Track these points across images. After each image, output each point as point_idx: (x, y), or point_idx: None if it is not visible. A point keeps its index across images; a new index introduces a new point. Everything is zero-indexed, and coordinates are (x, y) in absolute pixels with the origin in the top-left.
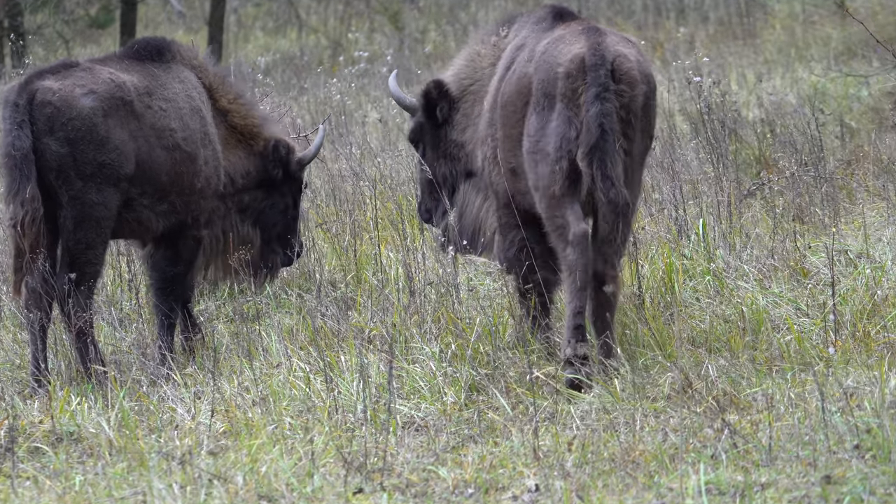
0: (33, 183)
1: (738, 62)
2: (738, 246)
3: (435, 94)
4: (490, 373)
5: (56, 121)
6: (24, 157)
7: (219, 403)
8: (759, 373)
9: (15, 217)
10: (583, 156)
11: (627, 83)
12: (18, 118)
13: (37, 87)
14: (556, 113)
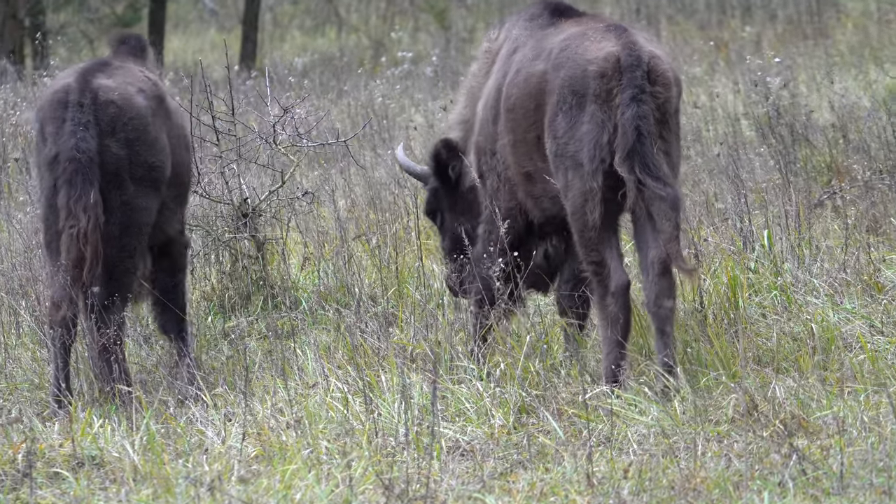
0: (97, 188)
1: (808, 63)
2: (808, 259)
3: (445, 155)
4: (541, 394)
5: (118, 121)
6: (90, 160)
7: (251, 426)
8: (830, 394)
9: (77, 224)
10: (621, 161)
11: (663, 84)
12: (84, 119)
13: (97, 85)
14: (588, 115)
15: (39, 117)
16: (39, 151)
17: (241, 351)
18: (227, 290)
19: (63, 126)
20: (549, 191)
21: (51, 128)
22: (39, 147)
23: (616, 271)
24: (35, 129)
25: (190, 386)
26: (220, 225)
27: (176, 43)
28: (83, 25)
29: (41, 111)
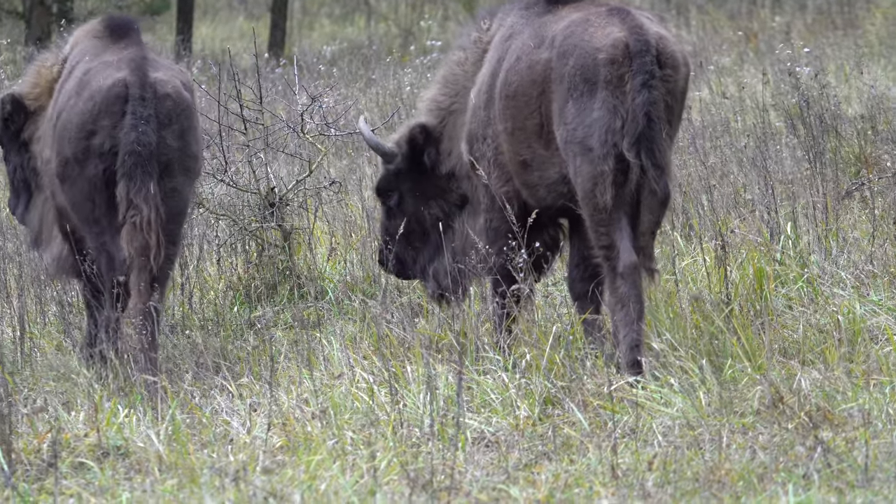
0: (155, 180)
1: (837, 54)
2: (835, 250)
3: (420, 141)
4: (566, 385)
5: (174, 114)
6: (150, 153)
7: (276, 416)
8: (856, 387)
9: (139, 213)
10: (629, 146)
11: (672, 67)
12: (146, 113)
13: (153, 79)
14: (600, 101)
15: (87, 109)
16: (75, 142)
17: (266, 341)
18: (254, 280)
19: (122, 119)
20: (544, 179)
21: (106, 121)
22: (75, 138)
23: (625, 253)
24: (75, 122)
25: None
26: (246, 214)
27: (204, 30)
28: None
29: (91, 103)
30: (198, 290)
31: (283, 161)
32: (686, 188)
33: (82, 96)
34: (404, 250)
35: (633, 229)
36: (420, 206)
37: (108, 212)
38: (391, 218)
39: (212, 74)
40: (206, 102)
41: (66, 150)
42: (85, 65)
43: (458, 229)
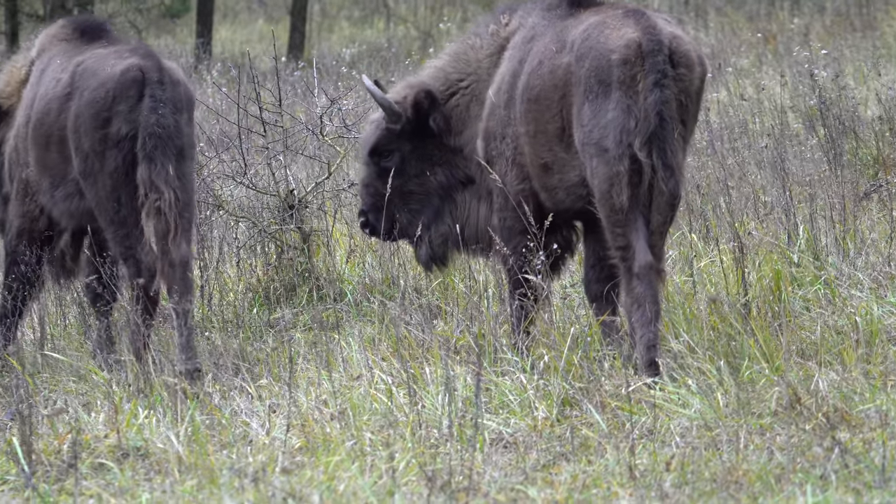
0: (174, 163)
1: (856, 55)
2: (852, 252)
3: (426, 105)
4: (584, 386)
5: (184, 100)
6: (169, 136)
7: (295, 417)
8: (874, 388)
9: (160, 196)
10: (641, 145)
11: (686, 66)
12: (164, 96)
13: (166, 65)
14: (614, 102)
15: (99, 97)
16: (92, 130)
17: (285, 342)
18: (273, 282)
19: (140, 103)
20: (564, 181)
21: (123, 105)
22: (91, 128)
23: (641, 253)
24: (88, 112)
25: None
26: (266, 216)
27: (224, 33)
28: (131, 15)
29: (104, 91)
30: (217, 292)
31: (303, 163)
32: (704, 190)
33: (87, 87)
34: (399, 212)
35: (649, 230)
36: (424, 170)
37: (133, 212)
38: (382, 178)
39: (231, 77)
40: (225, 105)
41: (84, 145)
42: (58, 67)
43: (460, 206)
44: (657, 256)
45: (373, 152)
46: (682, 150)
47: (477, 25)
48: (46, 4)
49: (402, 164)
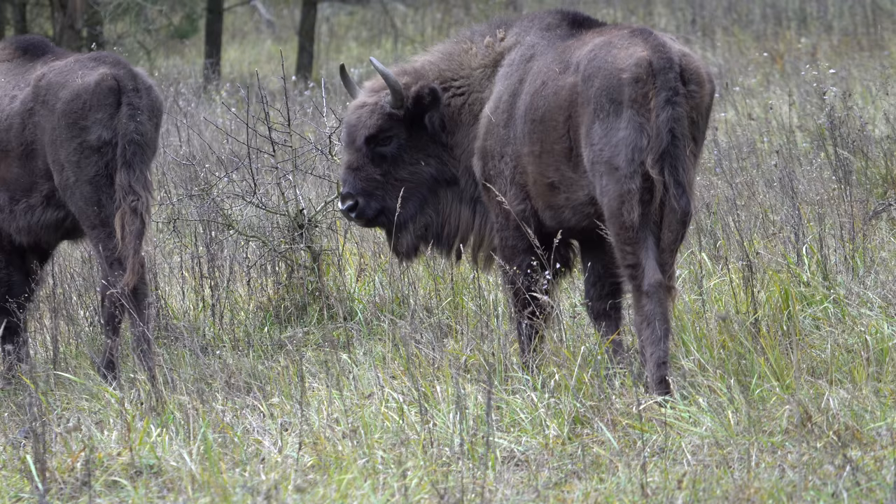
0: (149, 168)
1: (864, 75)
2: (862, 271)
3: (427, 101)
4: (595, 405)
5: (155, 106)
6: (146, 142)
7: (307, 435)
8: (884, 406)
9: (138, 199)
10: (653, 162)
11: (696, 83)
12: (140, 103)
13: (137, 71)
14: (626, 120)
15: (76, 108)
16: (67, 141)
17: (297, 361)
18: (283, 301)
19: (118, 111)
20: (572, 200)
21: (101, 114)
22: (68, 136)
23: (650, 272)
24: (64, 122)
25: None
26: (276, 236)
27: (232, 54)
28: (140, 36)
29: (80, 102)
30: (228, 311)
31: (312, 183)
32: (714, 209)
33: (58, 99)
34: (389, 198)
35: (659, 248)
36: (419, 159)
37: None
38: (375, 163)
39: (240, 97)
40: (235, 125)
41: (60, 156)
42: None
43: (443, 203)
44: (667, 274)
45: (371, 137)
46: (693, 168)
47: (470, 31)
48: (56, 25)
49: (399, 150)
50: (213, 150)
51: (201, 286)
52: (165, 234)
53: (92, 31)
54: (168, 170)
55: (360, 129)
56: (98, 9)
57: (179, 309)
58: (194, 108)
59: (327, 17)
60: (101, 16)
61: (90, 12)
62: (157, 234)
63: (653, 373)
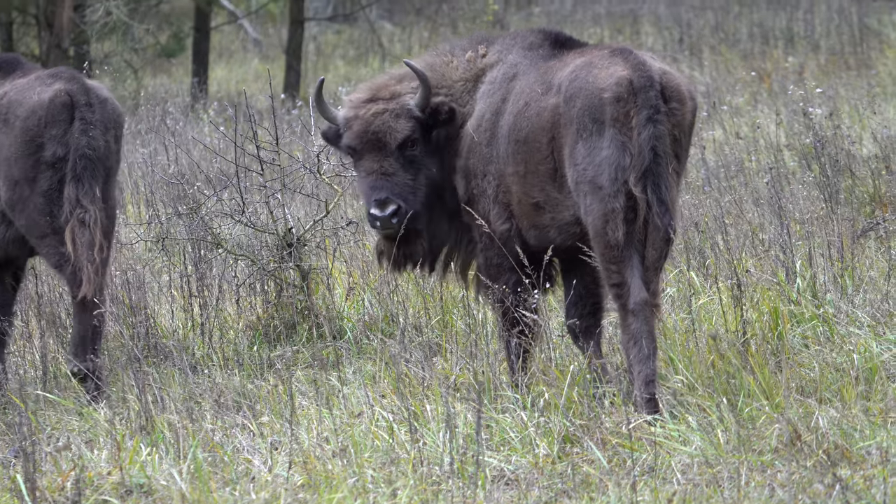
0: (100, 183)
1: (851, 94)
2: (850, 289)
3: (443, 117)
4: (585, 423)
5: (112, 118)
6: (98, 158)
7: (297, 454)
8: (874, 424)
9: (86, 212)
10: (635, 181)
11: (678, 100)
12: (94, 118)
13: (90, 85)
14: (608, 140)
15: (31, 126)
16: (24, 157)
17: (286, 380)
18: (273, 320)
19: (71, 126)
20: (557, 220)
21: (55, 130)
22: (23, 156)
23: (636, 290)
24: (21, 140)
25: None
26: (265, 254)
27: (220, 73)
28: (127, 55)
29: (35, 118)
30: (217, 330)
31: (301, 202)
32: (703, 227)
33: (17, 117)
34: (417, 205)
35: (644, 266)
36: (431, 166)
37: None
38: (405, 168)
39: (228, 116)
40: (223, 144)
41: (14, 172)
42: None
43: (435, 212)
44: (652, 292)
45: (405, 141)
46: (676, 186)
47: (450, 45)
48: (42, 44)
49: (420, 156)
50: (201, 169)
51: (190, 305)
52: (154, 253)
53: (79, 51)
54: (157, 188)
55: (390, 133)
56: (85, 28)
57: (168, 328)
58: (182, 126)
59: (314, 35)
60: (87, 35)
61: (77, 31)
62: (146, 253)
63: (641, 391)
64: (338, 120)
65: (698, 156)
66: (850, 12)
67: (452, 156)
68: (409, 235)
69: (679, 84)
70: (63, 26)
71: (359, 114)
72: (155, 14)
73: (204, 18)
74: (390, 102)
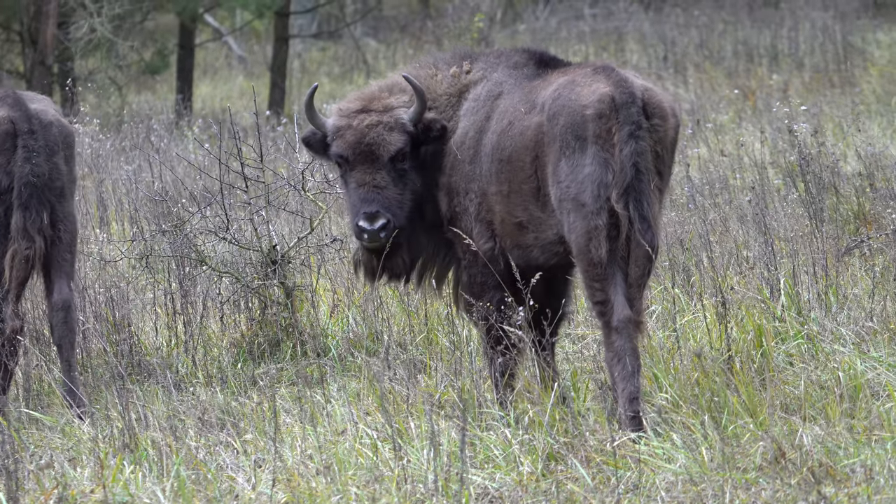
0: (48, 210)
1: (835, 111)
2: (835, 307)
3: (433, 134)
4: (569, 441)
5: (60, 140)
6: (44, 184)
7: (280, 472)
8: (858, 442)
9: (32, 245)
10: (617, 197)
11: (660, 117)
12: (37, 144)
13: (35, 110)
14: (590, 157)
15: None
16: None
17: (270, 397)
18: (257, 337)
19: (14, 154)
20: (540, 240)
21: (1, 159)
22: None
23: (619, 308)
24: None
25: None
26: (249, 272)
27: (204, 90)
28: (112, 72)
29: None
30: (202, 347)
31: (285, 219)
32: (687, 244)
33: None
34: (403, 218)
35: (627, 283)
36: (416, 181)
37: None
38: (395, 182)
39: (212, 133)
40: (207, 161)
41: None
42: None
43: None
44: (636, 310)
45: (397, 154)
46: (658, 202)
47: (433, 58)
48: (27, 61)
49: (410, 170)
50: (185, 186)
51: (174, 322)
52: (138, 270)
53: (63, 67)
54: (141, 205)
55: (384, 145)
56: (69, 45)
57: (152, 345)
58: (166, 143)
59: (299, 52)
60: (72, 52)
61: (61, 48)
62: (130, 270)
63: (625, 409)
64: (326, 128)
65: (683, 173)
66: (833, 30)
67: (435, 171)
68: (392, 248)
69: (661, 100)
70: (47, 43)
71: (351, 124)
72: (139, 31)
73: (189, 35)
74: (384, 115)
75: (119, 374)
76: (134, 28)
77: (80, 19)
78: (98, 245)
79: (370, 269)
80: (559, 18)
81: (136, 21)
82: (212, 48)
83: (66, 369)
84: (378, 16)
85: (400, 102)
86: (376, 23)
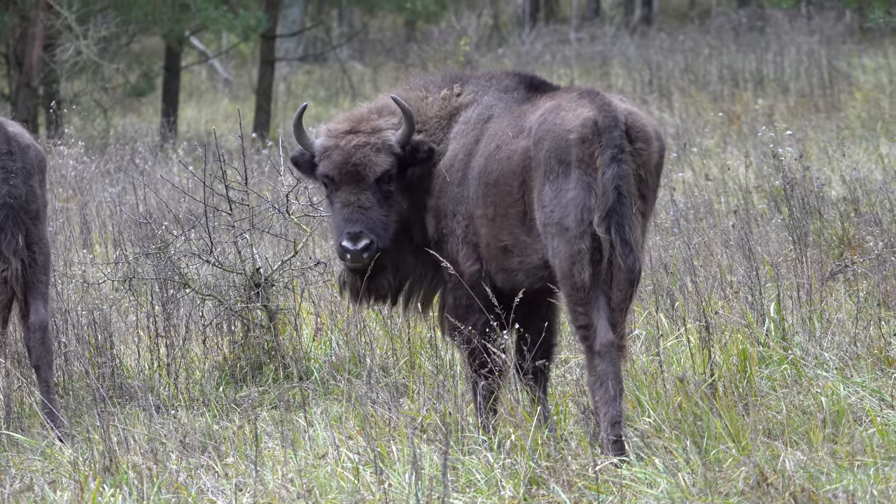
0: (24, 231)
1: (820, 136)
2: (819, 332)
3: (421, 156)
4: (551, 465)
5: (36, 163)
6: (20, 206)
7: (261, 496)
8: (840, 467)
9: (8, 267)
10: (599, 221)
11: (643, 140)
12: (14, 166)
13: (13, 132)
14: (574, 181)
15: None
16: None
17: (252, 421)
18: (239, 360)
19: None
20: (525, 264)
21: None
22: None
23: (602, 332)
24: None
25: None
26: (232, 294)
27: (189, 112)
28: (97, 94)
29: None
30: (184, 370)
31: (269, 242)
32: (671, 269)
33: None
34: (388, 240)
35: (610, 307)
36: (403, 203)
37: None
38: (380, 204)
39: (197, 155)
40: (192, 183)
41: None
42: None
43: (402, 246)
44: (619, 334)
45: (383, 175)
46: (641, 226)
47: (423, 80)
48: (12, 83)
49: (395, 191)
50: (169, 209)
51: (157, 345)
52: (121, 293)
53: (48, 90)
54: (124, 228)
55: (370, 166)
56: (55, 67)
57: (134, 368)
58: (151, 166)
59: (285, 76)
60: (57, 74)
61: (46, 70)
62: (113, 293)
63: (607, 433)
64: (314, 148)
65: (668, 197)
66: (819, 55)
67: (424, 193)
68: (376, 269)
69: (645, 124)
70: (33, 65)
71: (339, 144)
72: (125, 53)
73: (174, 58)
74: (371, 136)
75: (101, 396)
76: (120, 50)
77: (66, 42)
78: (81, 267)
79: (355, 291)
80: (544, 42)
81: (122, 43)
82: (197, 71)
83: (45, 390)
84: (364, 39)
85: (388, 124)
86: (362, 46)
